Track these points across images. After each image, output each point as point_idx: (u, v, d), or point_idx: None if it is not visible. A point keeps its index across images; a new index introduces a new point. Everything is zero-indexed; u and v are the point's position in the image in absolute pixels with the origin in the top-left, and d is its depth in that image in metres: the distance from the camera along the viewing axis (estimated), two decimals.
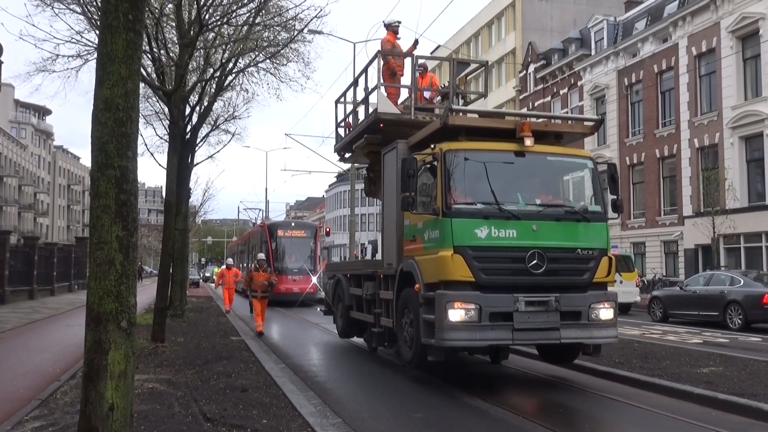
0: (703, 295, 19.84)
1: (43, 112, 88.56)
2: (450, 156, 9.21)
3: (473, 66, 15.57)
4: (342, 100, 14.78)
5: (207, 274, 70.65)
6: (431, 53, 49.93)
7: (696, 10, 31.66)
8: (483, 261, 8.84)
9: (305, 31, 16.53)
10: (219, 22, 14.68)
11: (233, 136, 27.91)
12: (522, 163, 9.51)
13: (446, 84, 13.35)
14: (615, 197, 9.87)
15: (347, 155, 14.92)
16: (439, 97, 13.22)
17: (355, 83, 13.65)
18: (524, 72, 47.39)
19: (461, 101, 13.05)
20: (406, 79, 12.83)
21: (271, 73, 19.40)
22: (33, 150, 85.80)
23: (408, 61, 12.70)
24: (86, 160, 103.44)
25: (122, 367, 4.99)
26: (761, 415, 7.74)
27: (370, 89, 12.53)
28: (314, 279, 28.67)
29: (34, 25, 32.61)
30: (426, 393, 9.44)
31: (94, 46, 13.90)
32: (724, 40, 30.05)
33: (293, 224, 32.77)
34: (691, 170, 31.97)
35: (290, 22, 15.95)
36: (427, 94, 12.93)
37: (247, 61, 18.28)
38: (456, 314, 8.64)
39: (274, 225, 32.04)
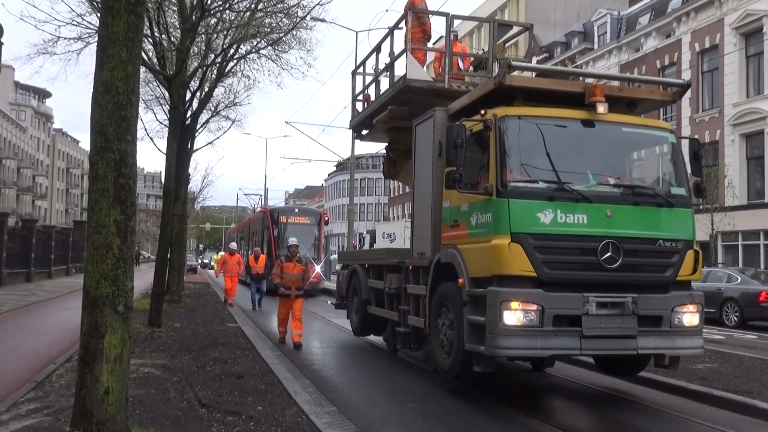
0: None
1: (43, 94, 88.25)
2: (507, 123, 7.70)
3: (515, 29, 13.28)
4: (360, 70, 13.49)
5: (205, 261, 70.70)
6: (434, 43, 49.71)
7: (700, 6, 31.54)
8: (546, 252, 7.38)
9: (307, 18, 16.46)
10: (221, 7, 14.61)
11: (233, 122, 27.82)
12: (592, 134, 8.03)
13: (484, 50, 12.40)
14: (698, 179, 8.43)
15: (364, 132, 13.55)
16: (471, 68, 11.90)
17: (377, 49, 12.25)
18: None
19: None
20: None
21: (272, 60, 19.34)
22: (32, 132, 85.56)
23: (441, 24, 11.52)
24: (86, 143, 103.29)
25: (118, 352, 4.99)
26: (756, 412, 7.75)
27: (396, 54, 11.20)
28: (317, 268, 28.09)
29: (35, 6, 32.40)
30: (423, 383, 9.44)
31: (95, 29, 13.83)
32: (727, 36, 29.95)
33: (297, 210, 31.62)
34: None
35: (292, 8, 15.89)
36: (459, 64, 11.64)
37: (249, 48, 18.22)
38: (513, 316, 7.19)
39: (276, 211, 31.00)
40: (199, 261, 66.63)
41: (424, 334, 9.48)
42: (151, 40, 14.81)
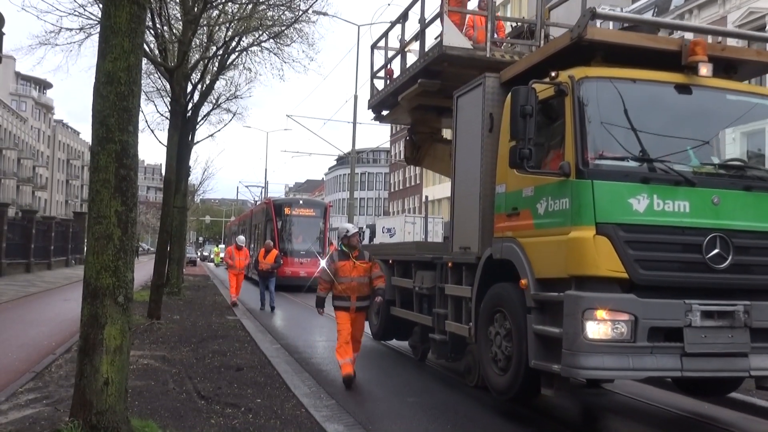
0: None
1: (44, 85, 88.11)
2: (588, 87, 6.31)
3: None
4: (381, 44, 12.13)
5: (205, 253, 70.83)
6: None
7: (703, 4, 31.50)
8: (641, 248, 6.03)
9: (309, 11, 16.44)
10: (223, 0, 14.58)
11: (234, 115, 27.87)
12: (690, 102, 6.64)
13: (524, 18, 10.17)
14: None
15: (385, 112, 12.23)
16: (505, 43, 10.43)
17: (403, 17, 10.78)
18: None
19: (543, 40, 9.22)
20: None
21: (274, 53, 19.36)
22: (33, 123, 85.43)
23: None
24: (86, 134, 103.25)
25: (118, 343, 5.00)
26: (754, 410, 7.78)
27: (428, 19, 9.91)
28: (323, 262, 27.16)
29: None
30: (423, 378, 9.44)
31: (98, 20, 13.81)
32: None
33: (301, 202, 30.57)
34: None
35: (295, 1, 15.86)
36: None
37: (251, 40, 18.21)
38: (598, 329, 5.83)
39: (280, 202, 30.02)
40: (199, 253, 66.70)
41: (463, 342, 8.37)
42: (152, 32, 14.78)
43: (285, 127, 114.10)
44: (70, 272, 30.18)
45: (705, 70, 6.48)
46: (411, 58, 10.67)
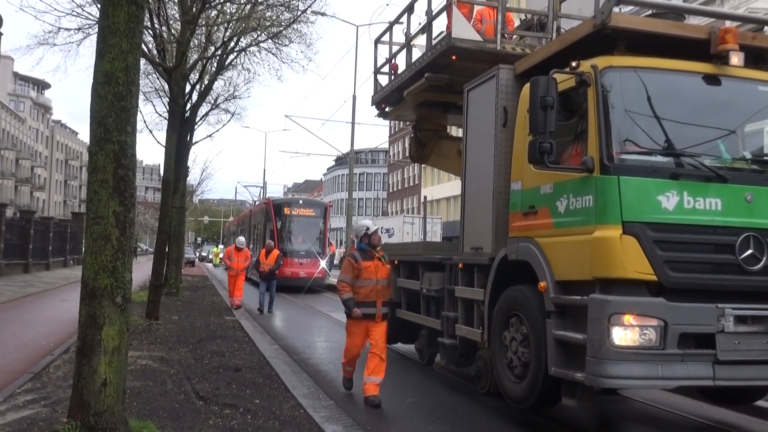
0: None
1: (42, 85, 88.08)
2: (612, 77, 6.01)
3: None
4: (385, 38, 11.83)
5: (203, 254, 70.84)
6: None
7: (702, 3, 31.55)
8: (670, 248, 5.72)
9: (308, 11, 16.45)
10: (222, 0, 14.58)
11: (233, 115, 27.91)
12: (720, 94, 6.35)
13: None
14: None
15: (389, 108, 11.98)
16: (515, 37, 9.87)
17: (409, 9, 10.58)
18: None
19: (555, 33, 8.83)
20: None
21: (272, 54, 19.39)
22: (31, 124, 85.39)
23: None
24: (84, 135, 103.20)
25: (116, 343, 4.98)
26: (753, 410, 7.75)
27: (435, 12, 9.64)
28: (323, 263, 26.86)
29: None
30: (422, 379, 9.44)
31: (96, 20, 13.80)
32: None
33: (301, 202, 30.31)
34: None
35: (293, 2, 15.88)
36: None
37: (249, 41, 18.23)
38: (625, 335, 5.54)
39: (280, 202, 29.85)
40: (197, 254, 66.69)
41: (474, 347, 8.12)
42: (151, 32, 14.77)
43: (283, 128, 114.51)
44: (69, 273, 30.15)
45: (736, 59, 6.15)
46: (416, 53, 10.39)
